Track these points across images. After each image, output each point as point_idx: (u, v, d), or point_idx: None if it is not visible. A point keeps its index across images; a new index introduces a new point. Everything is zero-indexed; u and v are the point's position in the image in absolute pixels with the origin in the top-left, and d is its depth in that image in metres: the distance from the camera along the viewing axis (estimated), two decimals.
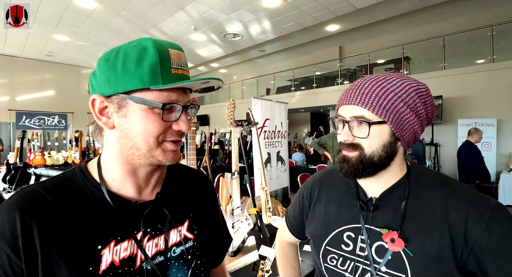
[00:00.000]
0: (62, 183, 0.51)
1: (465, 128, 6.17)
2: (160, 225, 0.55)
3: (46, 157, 6.16)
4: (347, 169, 0.63)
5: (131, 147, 0.49)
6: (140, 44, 0.47)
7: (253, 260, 1.62)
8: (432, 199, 0.61)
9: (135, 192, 0.54)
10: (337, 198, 0.74)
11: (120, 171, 0.52)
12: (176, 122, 0.50)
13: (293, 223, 0.89)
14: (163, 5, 6.25)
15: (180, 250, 0.57)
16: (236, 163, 1.93)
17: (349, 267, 0.67)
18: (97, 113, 0.49)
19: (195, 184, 0.68)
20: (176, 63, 0.49)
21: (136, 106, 0.47)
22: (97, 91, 0.48)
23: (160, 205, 0.56)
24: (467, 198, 0.59)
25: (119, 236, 0.50)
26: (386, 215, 0.64)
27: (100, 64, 0.48)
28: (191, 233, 0.60)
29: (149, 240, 0.53)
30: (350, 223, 0.69)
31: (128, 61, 0.46)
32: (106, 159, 0.53)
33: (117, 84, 0.46)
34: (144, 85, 0.45)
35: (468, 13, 7.11)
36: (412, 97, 0.59)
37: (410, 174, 0.66)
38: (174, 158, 0.52)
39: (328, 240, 0.72)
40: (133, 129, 0.48)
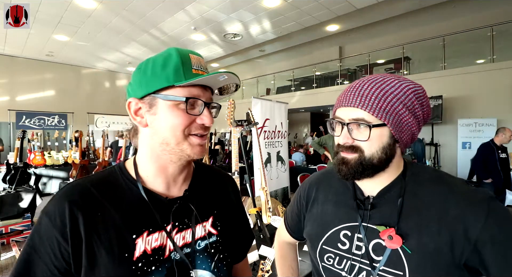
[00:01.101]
0: (104, 179, 0.57)
1: (465, 128, 6.18)
2: (187, 219, 0.60)
3: (46, 157, 6.16)
4: (345, 171, 0.63)
5: (162, 143, 0.54)
6: (165, 52, 0.55)
7: (253, 260, 1.62)
8: (428, 195, 0.61)
9: (165, 188, 0.59)
10: (334, 197, 0.74)
11: (152, 168, 0.58)
12: (199, 116, 0.55)
13: (291, 224, 0.89)
14: (163, 5, 6.25)
15: (204, 244, 0.61)
16: (236, 163, 1.93)
17: (345, 266, 0.67)
18: (132, 114, 0.56)
19: (220, 184, 0.72)
20: (196, 65, 0.55)
21: (163, 103, 0.53)
22: (132, 95, 0.56)
23: (187, 202, 0.61)
24: (463, 193, 0.59)
25: (151, 227, 0.55)
26: (383, 213, 0.64)
27: (134, 73, 0.56)
28: (214, 228, 0.64)
29: (177, 233, 0.58)
30: (346, 221, 0.69)
31: (155, 66, 0.53)
32: (141, 157, 0.59)
33: (147, 86, 0.53)
34: (169, 82, 0.52)
35: (468, 13, 7.11)
36: (410, 99, 0.59)
37: (406, 172, 0.66)
38: (201, 152, 0.57)
39: (324, 239, 0.72)
40: (162, 125, 0.53)
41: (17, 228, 3.60)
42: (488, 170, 3.69)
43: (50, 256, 0.49)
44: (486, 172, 3.70)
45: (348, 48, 9.76)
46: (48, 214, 0.51)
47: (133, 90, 0.56)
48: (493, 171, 3.67)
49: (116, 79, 12.81)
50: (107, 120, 8.83)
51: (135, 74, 0.56)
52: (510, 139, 3.69)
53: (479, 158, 3.82)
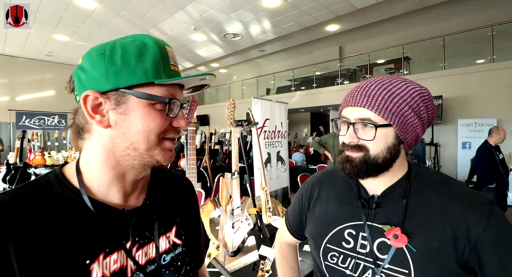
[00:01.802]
0: (36, 192, 0.45)
1: (465, 128, 6.17)
2: (148, 232, 0.52)
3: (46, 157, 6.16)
4: (350, 169, 0.63)
5: (128, 147, 0.46)
6: (137, 40, 0.46)
7: (253, 260, 1.62)
8: (432, 196, 0.63)
9: (121, 199, 0.50)
10: (338, 196, 0.75)
11: (107, 176, 0.48)
12: (175, 119, 0.49)
13: (293, 224, 0.89)
14: (163, 5, 6.25)
15: (170, 257, 0.55)
16: (236, 163, 1.93)
17: (350, 265, 0.67)
18: (89, 111, 0.45)
19: (179, 188, 0.66)
20: (173, 60, 0.49)
21: (137, 102, 0.45)
22: (90, 87, 0.45)
23: (148, 212, 0.53)
24: (466, 195, 0.61)
25: (108, 247, 0.46)
26: (388, 212, 0.65)
27: (92, 59, 0.45)
28: (179, 238, 0.58)
29: (138, 249, 0.50)
30: (351, 220, 0.70)
31: (128, 55, 0.44)
32: (90, 163, 0.48)
33: (117, 79, 0.44)
34: (148, 79, 0.44)
35: (468, 13, 7.11)
36: (416, 101, 0.60)
37: (411, 173, 0.67)
38: (172, 157, 0.50)
39: (328, 238, 0.72)
40: (133, 127, 0.45)
41: None
42: (492, 174, 3.60)
43: None
44: (490, 177, 3.61)
45: (348, 48, 9.76)
46: None
47: (90, 80, 0.45)
48: (496, 175, 3.59)
49: None
50: None
51: (95, 60, 0.45)
52: (504, 138, 3.63)
53: (481, 164, 3.68)
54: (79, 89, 0.46)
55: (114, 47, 0.45)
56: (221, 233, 1.61)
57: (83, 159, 0.49)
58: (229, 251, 1.59)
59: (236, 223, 1.70)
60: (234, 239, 1.64)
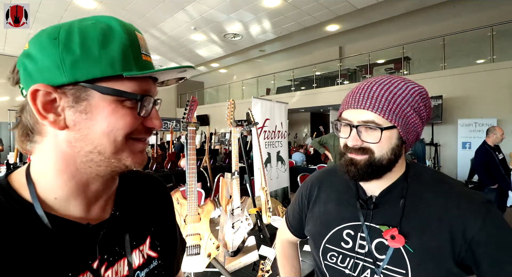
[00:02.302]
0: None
1: (465, 128, 6.17)
2: (118, 247, 0.45)
3: None
4: (354, 172, 0.62)
5: (91, 152, 0.38)
6: (100, 22, 0.38)
7: (253, 260, 1.62)
8: (430, 196, 0.63)
9: (83, 211, 0.42)
10: (337, 196, 0.75)
11: (66, 187, 0.40)
12: (148, 118, 0.42)
13: (293, 222, 0.89)
14: (163, 5, 6.25)
15: (145, 273, 0.48)
16: (236, 163, 1.93)
17: (349, 264, 0.68)
18: (40, 109, 0.36)
19: (151, 192, 0.57)
20: (145, 48, 0.41)
21: (102, 99, 0.37)
22: (40, 79, 0.36)
23: (117, 225, 0.46)
24: (463, 195, 0.62)
25: (71, 271, 0.39)
26: (386, 213, 0.65)
27: (42, 44, 0.36)
28: (154, 251, 0.51)
29: (107, 268, 0.43)
30: (349, 221, 0.70)
31: (89, 41, 0.36)
32: (43, 172, 0.40)
33: (75, 70, 0.35)
34: (115, 71, 0.37)
35: (468, 13, 7.11)
36: (416, 101, 0.60)
37: (408, 173, 0.67)
38: (143, 160, 0.43)
39: (327, 238, 0.72)
40: (96, 128, 0.38)
41: None
42: (493, 175, 3.58)
43: None
44: (491, 178, 3.58)
45: (348, 48, 9.77)
46: None
47: (40, 71, 0.36)
48: (497, 175, 3.56)
49: None
50: None
51: (46, 46, 0.36)
52: (502, 138, 3.59)
53: (480, 165, 3.66)
54: (26, 82, 0.38)
55: (70, 30, 0.36)
56: (221, 233, 1.61)
57: (35, 166, 0.41)
58: (229, 251, 1.59)
59: (236, 223, 1.70)
60: (234, 239, 1.64)
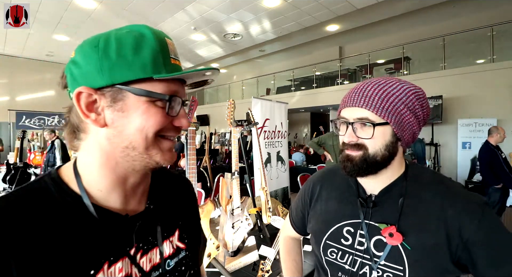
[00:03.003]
0: (32, 198, 0.41)
1: (465, 128, 6.17)
2: (152, 237, 0.50)
3: None
4: (350, 167, 0.66)
5: (126, 147, 0.43)
6: (134, 31, 0.43)
7: (253, 260, 1.62)
8: (428, 196, 0.65)
9: (123, 203, 0.47)
10: (337, 195, 0.78)
11: (107, 179, 0.45)
12: (176, 117, 0.46)
13: (296, 219, 0.93)
14: (163, 5, 6.25)
15: (174, 262, 0.53)
16: (236, 163, 1.93)
17: (348, 260, 0.71)
18: (83, 109, 0.42)
19: (180, 189, 0.64)
20: (173, 52, 0.45)
21: (136, 99, 0.42)
22: (83, 83, 0.41)
23: (151, 217, 0.51)
24: (460, 195, 0.64)
25: (112, 256, 0.44)
26: (385, 211, 0.68)
27: (85, 52, 0.42)
28: (182, 242, 0.56)
29: (142, 255, 0.48)
30: (349, 218, 0.72)
31: (123, 47, 0.41)
32: (88, 166, 0.45)
33: (112, 74, 0.40)
34: (146, 74, 0.41)
35: (468, 13, 7.11)
36: (411, 100, 0.63)
37: (408, 173, 0.69)
38: (172, 158, 0.47)
39: (328, 234, 0.75)
40: (130, 125, 0.42)
41: None
42: (497, 174, 3.57)
43: None
44: (496, 177, 3.57)
45: (348, 48, 9.76)
46: None
47: (83, 75, 0.41)
48: (502, 174, 3.56)
49: None
50: None
51: (88, 53, 0.41)
52: (504, 137, 3.64)
53: (485, 165, 3.65)
54: (72, 85, 0.43)
55: (108, 39, 0.41)
56: (221, 233, 1.61)
57: (81, 161, 0.46)
58: (229, 251, 1.59)
59: (236, 223, 1.70)
60: (234, 239, 1.64)
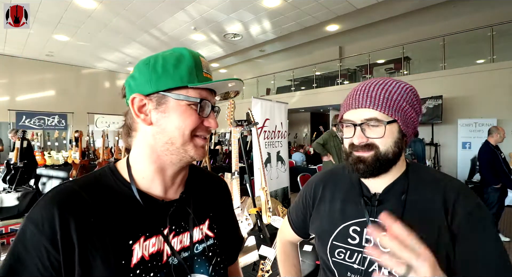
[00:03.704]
0: (94, 182, 0.55)
1: (465, 128, 6.17)
2: (184, 223, 0.59)
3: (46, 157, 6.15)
4: (364, 168, 0.66)
5: (166, 142, 0.53)
6: (176, 51, 0.55)
7: (253, 260, 1.62)
8: (429, 192, 0.68)
9: (162, 191, 0.57)
10: (341, 195, 0.78)
11: (150, 169, 0.56)
12: (206, 118, 0.56)
13: (296, 221, 0.91)
14: (163, 5, 6.25)
15: (202, 247, 0.61)
16: (236, 163, 1.93)
17: (357, 259, 0.71)
18: (136, 111, 0.53)
19: (214, 186, 0.73)
20: (206, 68, 0.57)
21: (175, 103, 0.53)
22: (136, 90, 0.53)
23: (184, 204, 0.60)
24: (459, 189, 0.67)
25: (148, 232, 0.53)
26: (388, 208, 0.68)
27: (139, 68, 0.54)
28: (211, 231, 0.64)
29: (174, 236, 0.57)
30: (355, 218, 0.73)
31: (167, 64, 0.53)
32: (136, 158, 0.57)
33: (158, 83, 0.52)
34: (183, 83, 0.52)
35: (468, 13, 7.11)
36: (410, 96, 0.66)
37: (409, 171, 0.72)
38: (203, 154, 0.57)
39: (334, 235, 0.75)
40: (171, 124, 0.53)
41: (17, 228, 3.60)
42: (497, 174, 3.58)
43: (38, 267, 0.44)
44: (495, 177, 3.58)
45: (348, 48, 9.76)
46: (35, 221, 0.46)
47: (137, 85, 0.54)
48: (502, 174, 3.57)
49: (116, 79, 12.79)
50: (107, 120, 8.80)
51: (142, 69, 0.54)
52: (504, 137, 3.66)
53: (486, 165, 3.65)
54: (128, 93, 0.55)
55: (157, 58, 0.54)
56: None
57: (132, 154, 0.58)
58: None
59: None
60: None
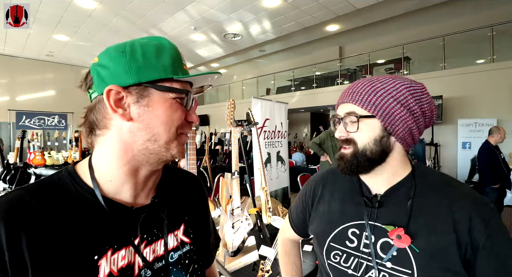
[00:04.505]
0: (49, 188, 0.47)
1: (465, 128, 6.17)
2: (157, 230, 0.53)
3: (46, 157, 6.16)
4: (343, 165, 0.66)
5: (149, 139, 0.48)
6: (154, 40, 0.50)
7: (253, 260, 1.62)
8: (436, 197, 0.63)
9: (131, 196, 0.51)
10: (341, 195, 0.75)
11: (121, 171, 0.49)
12: (189, 113, 0.51)
13: (296, 221, 0.90)
14: (163, 5, 6.25)
15: (177, 255, 0.56)
16: (236, 163, 1.93)
17: (352, 264, 0.68)
18: (112, 105, 0.46)
19: (188, 187, 0.67)
20: (183, 60, 0.52)
21: (160, 96, 0.47)
22: (112, 82, 0.46)
23: (156, 210, 0.54)
24: (469, 197, 0.62)
25: (116, 244, 0.47)
26: (391, 212, 0.65)
27: (112, 56, 0.47)
28: (187, 237, 0.59)
29: (146, 246, 0.51)
30: (354, 219, 0.70)
31: (148, 53, 0.47)
32: (102, 159, 0.49)
33: (139, 74, 0.46)
34: (167, 75, 0.47)
35: (468, 13, 7.11)
36: (403, 94, 0.62)
37: (415, 173, 0.67)
38: (184, 151, 0.53)
39: (332, 236, 0.72)
40: (156, 119, 0.47)
41: None
42: (496, 174, 3.56)
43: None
44: (494, 177, 3.56)
45: (348, 48, 9.76)
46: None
47: (112, 75, 0.46)
48: (501, 174, 3.55)
49: None
50: None
51: (116, 57, 0.47)
52: (504, 138, 3.64)
53: (485, 165, 3.62)
54: (100, 85, 0.47)
55: (133, 46, 0.47)
56: (221, 233, 1.61)
57: (96, 155, 0.50)
58: (229, 251, 1.59)
59: (236, 223, 1.70)
60: (234, 239, 1.64)
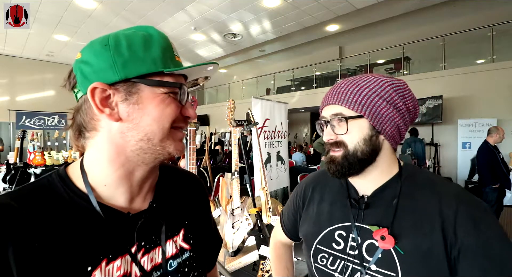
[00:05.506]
0: (38, 193, 0.43)
1: (465, 128, 6.17)
2: (155, 236, 0.50)
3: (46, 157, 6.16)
4: (334, 168, 0.64)
5: (141, 139, 0.44)
6: (141, 30, 0.46)
7: (253, 260, 1.62)
8: (423, 197, 0.61)
9: (127, 201, 0.48)
10: (330, 197, 0.74)
11: (115, 174, 0.46)
12: (184, 107, 0.48)
13: (287, 224, 0.88)
14: (163, 5, 6.25)
15: (176, 263, 0.52)
16: (236, 163, 1.93)
17: (338, 267, 0.66)
18: (98, 104, 0.42)
19: (188, 188, 0.62)
20: (176, 51, 0.48)
21: (151, 91, 0.44)
22: (96, 79, 0.42)
23: (154, 215, 0.51)
24: (457, 196, 0.59)
25: (111, 253, 0.44)
26: (378, 213, 0.64)
27: (95, 51, 0.43)
28: (187, 243, 0.55)
29: (143, 254, 0.47)
30: (341, 221, 0.69)
31: (134, 45, 0.43)
32: (95, 162, 0.46)
33: (126, 69, 0.42)
34: (157, 68, 0.43)
35: (468, 13, 7.11)
36: (387, 91, 0.61)
37: (402, 173, 0.66)
38: (183, 148, 0.49)
39: (319, 238, 0.71)
40: (147, 117, 0.44)
41: None
42: (495, 174, 3.55)
43: None
44: (493, 177, 3.55)
45: (348, 48, 9.76)
46: None
47: (95, 72, 0.42)
48: (500, 174, 3.54)
49: None
50: None
51: (99, 51, 0.43)
52: (503, 138, 3.63)
53: (485, 165, 3.61)
54: (83, 84, 0.44)
55: (117, 38, 0.43)
56: (221, 233, 1.61)
57: (88, 158, 0.47)
58: (229, 251, 1.59)
59: (236, 223, 1.70)
60: (234, 239, 1.64)
